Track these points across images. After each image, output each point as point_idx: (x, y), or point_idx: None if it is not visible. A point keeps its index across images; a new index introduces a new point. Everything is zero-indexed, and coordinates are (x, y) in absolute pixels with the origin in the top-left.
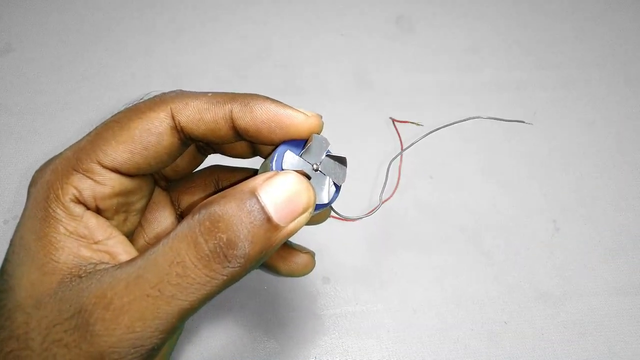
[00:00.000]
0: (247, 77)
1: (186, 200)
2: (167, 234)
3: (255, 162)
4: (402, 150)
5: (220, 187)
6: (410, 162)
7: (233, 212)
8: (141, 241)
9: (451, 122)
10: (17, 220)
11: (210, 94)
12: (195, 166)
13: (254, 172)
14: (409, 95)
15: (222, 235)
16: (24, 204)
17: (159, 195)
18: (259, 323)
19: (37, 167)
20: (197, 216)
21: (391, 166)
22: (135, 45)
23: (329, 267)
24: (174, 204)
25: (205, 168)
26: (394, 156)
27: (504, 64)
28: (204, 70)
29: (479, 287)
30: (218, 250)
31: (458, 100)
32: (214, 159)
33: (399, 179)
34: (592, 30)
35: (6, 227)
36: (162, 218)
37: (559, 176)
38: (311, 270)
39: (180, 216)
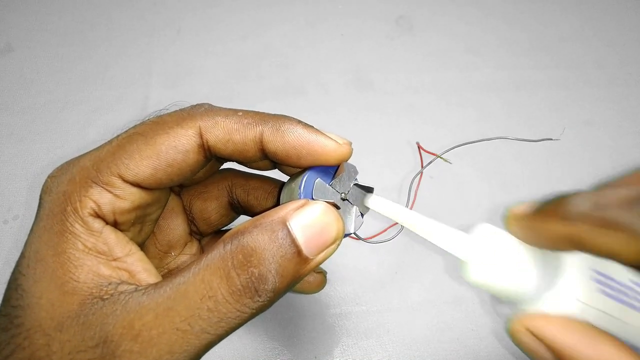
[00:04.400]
0: (247, 77)
1: (198, 205)
2: (190, 257)
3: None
4: (423, 168)
5: (234, 194)
6: (410, 165)
7: (265, 245)
8: (152, 249)
9: (473, 140)
10: (18, 220)
11: (240, 113)
12: (211, 173)
13: (270, 180)
14: (409, 95)
15: (255, 270)
16: (24, 204)
17: (172, 201)
18: (258, 323)
19: (37, 167)
20: (229, 247)
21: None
22: (135, 45)
23: (329, 267)
24: (185, 209)
25: (218, 172)
26: (413, 175)
27: (504, 64)
28: (204, 70)
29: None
30: (250, 285)
31: (458, 100)
32: (227, 163)
33: (415, 198)
34: (593, 30)
35: (6, 227)
36: (174, 225)
37: (559, 177)
38: (322, 289)
39: (192, 222)
